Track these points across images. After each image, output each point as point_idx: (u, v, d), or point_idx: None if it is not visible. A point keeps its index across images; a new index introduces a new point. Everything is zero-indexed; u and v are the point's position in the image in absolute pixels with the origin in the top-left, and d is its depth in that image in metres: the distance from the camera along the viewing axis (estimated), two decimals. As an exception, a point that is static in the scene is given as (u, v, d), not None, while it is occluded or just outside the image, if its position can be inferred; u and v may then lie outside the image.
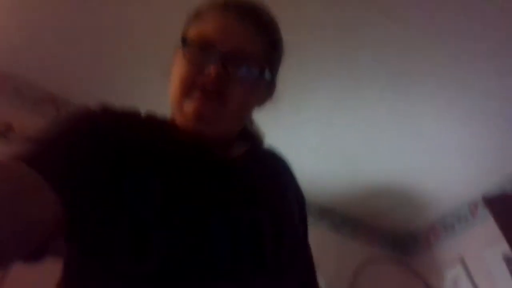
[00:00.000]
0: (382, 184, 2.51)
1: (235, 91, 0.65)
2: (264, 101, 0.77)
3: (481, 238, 2.35)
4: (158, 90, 2.07)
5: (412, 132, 2.21)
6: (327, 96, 2.09)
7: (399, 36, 1.81)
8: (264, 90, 0.74)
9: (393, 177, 2.46)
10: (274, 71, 0.75)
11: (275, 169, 0.78)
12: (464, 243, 2.44)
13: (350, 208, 2.72)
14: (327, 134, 2.29)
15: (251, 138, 0.80)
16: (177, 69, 0.68)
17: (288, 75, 0.83)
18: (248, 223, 0.61)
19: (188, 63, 0.66)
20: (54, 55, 2.06)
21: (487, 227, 2.32)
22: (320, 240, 1.70)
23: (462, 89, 1.98)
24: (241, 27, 0.67)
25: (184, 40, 0.68)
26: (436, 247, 2.60)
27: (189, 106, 0.63)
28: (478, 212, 2.46)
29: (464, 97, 2.01)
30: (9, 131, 1.97)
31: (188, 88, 0.65)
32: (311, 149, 2.37)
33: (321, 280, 0.77)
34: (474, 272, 2.30)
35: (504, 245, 2.09)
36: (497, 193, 2.35)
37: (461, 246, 2.44)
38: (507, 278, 2.16)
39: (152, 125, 0.68)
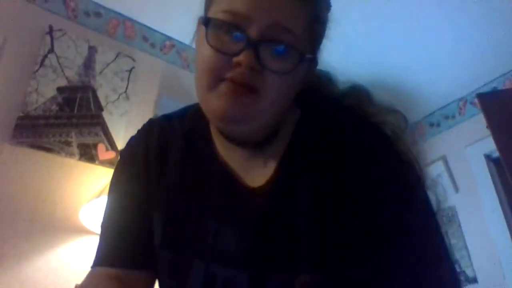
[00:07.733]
0: (371, 77, 2.33)
1: (270, 84, 0.54)
2: (305, 83, 0.62)
3: (464, 137, 2.32)
4: None
5: (409, 20, 1.97)
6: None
7: None
8: (304, 73, 0.60)
9: (384, 71, 2.28)
10: (317, 49, 0.62)
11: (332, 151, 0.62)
12: (448, 140, 2.41)
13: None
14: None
15: (305, 106, 0.66)
16: (201, 55, 0.56)
17: None
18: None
19: (213, 49, 0.54)
20: None
21: (472, 125, 2.27)
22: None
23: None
24: None
25: (207, 21, 0.55)
26: (420, 144, 2.57)
27: (216, 104, 0.54)
28: (465, 110, 2.38)
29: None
30: None
31: (214, 80, 0.54)
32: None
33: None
34: (455, 170, 2.32)
35: (486, 144, 2.07)
36: (491, 90, 2.24)
37: (444, 144, 2.42)
38: (486, 176, 2.19)
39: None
